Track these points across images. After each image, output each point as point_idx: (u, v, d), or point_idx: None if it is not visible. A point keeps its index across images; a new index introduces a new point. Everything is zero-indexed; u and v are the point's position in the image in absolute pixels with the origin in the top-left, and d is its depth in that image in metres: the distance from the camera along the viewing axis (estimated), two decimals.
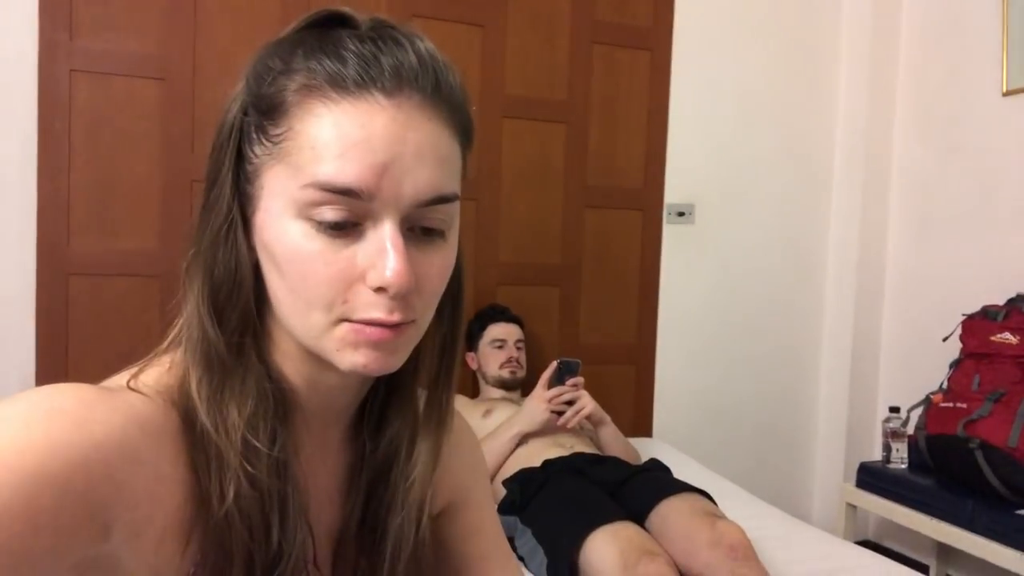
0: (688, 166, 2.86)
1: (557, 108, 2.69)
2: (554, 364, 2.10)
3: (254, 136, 0.53)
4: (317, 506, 0.61)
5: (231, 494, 0.52)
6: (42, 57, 2.12)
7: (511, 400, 2.27)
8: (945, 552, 2.63)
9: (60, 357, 2.16)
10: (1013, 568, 2.05)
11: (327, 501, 0.63)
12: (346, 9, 0.54)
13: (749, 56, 2.93)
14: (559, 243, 2.71)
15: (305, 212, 0.51)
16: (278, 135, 0.52)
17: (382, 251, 0.50)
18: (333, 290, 0.51)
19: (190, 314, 0.55)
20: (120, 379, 0.55)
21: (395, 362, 0.54)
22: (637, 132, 2.79)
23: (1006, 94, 2.57)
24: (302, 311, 0.53)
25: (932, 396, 2.41)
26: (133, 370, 0.56)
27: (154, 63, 2.23)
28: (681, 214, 2.86)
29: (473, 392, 2.44)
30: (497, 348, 2.32)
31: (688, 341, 2.89)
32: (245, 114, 0.54)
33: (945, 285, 2.77)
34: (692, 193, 2.88)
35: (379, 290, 0.51)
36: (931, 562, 2.67)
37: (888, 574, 1.71)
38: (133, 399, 0.51)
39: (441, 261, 0.55)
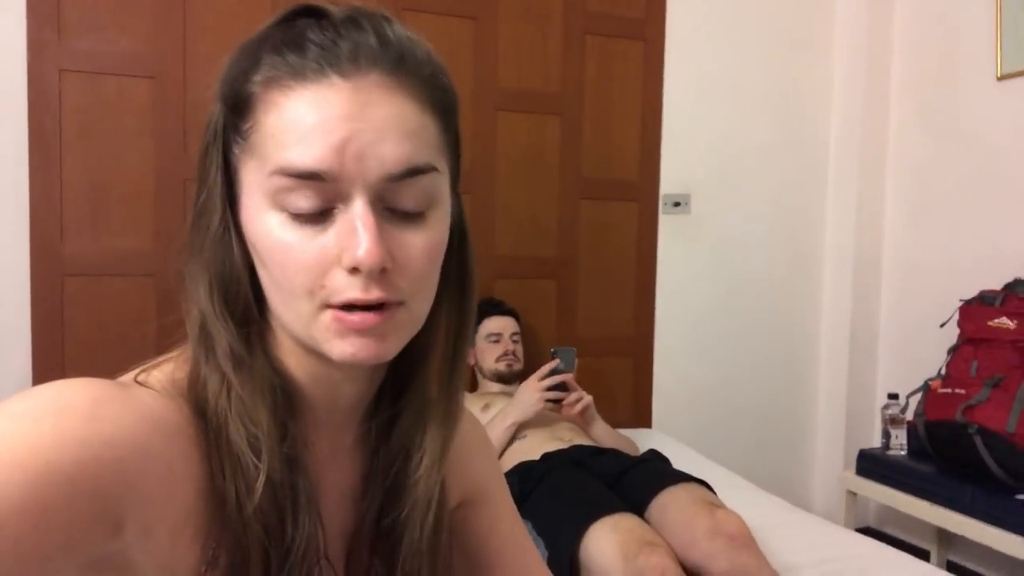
0: (684, 156, 2.85)
1: (551, 100, 2.68)
2: (555, 361, 2.09)
3: (231, 135, 0.54)
4: (330, 503, 0.60)
5: (246, 488, 0.52)
6: (31, 57, 2.11)
7: (509, 394, 2.26)
8: (946, 538, 2.63)
9: (56, 358, 2.16)
10: (1013, 553, 2.05)
11: (340, 499, 0.62)
12: (319, 3, 0.54)
13: (743, 45, 2.92)
14: (555, 236, 2.70)
15: (278, 202, 0.51)
16: (247, 130, 0.52)
17: (352, 231, 0.50)
18: (311, 276, 0.51)
19: (198, 313, 0.55)
20: (133, 375, 0.55)
21: (388, 348, 0.53)
22: (632, 123, 2.79)
23: (1000, 78, 2.56)
24: (287, 302, 0.53)
25: (930, 382, 2.41)
26: (145, 366, 0.56)
27: (144, 62, 2.22)
28: (677, 204, 2.86)
29: (471, 387, 2.44)
30: (493, 342, 2.32)
31: (686, 331, 2.89)
32: (223, 115, 0.54)
33: (942, 271, 2.77)
34: (688, 183, 2.87)
35: (354, 271, 0.50)
36: (932, 548, 2.67)
37: (888, 560, 1.70)
38: (145, 395, 0.51)
39: (424, 240, 0.54)
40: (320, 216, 0.51)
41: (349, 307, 0.51)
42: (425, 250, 0.54)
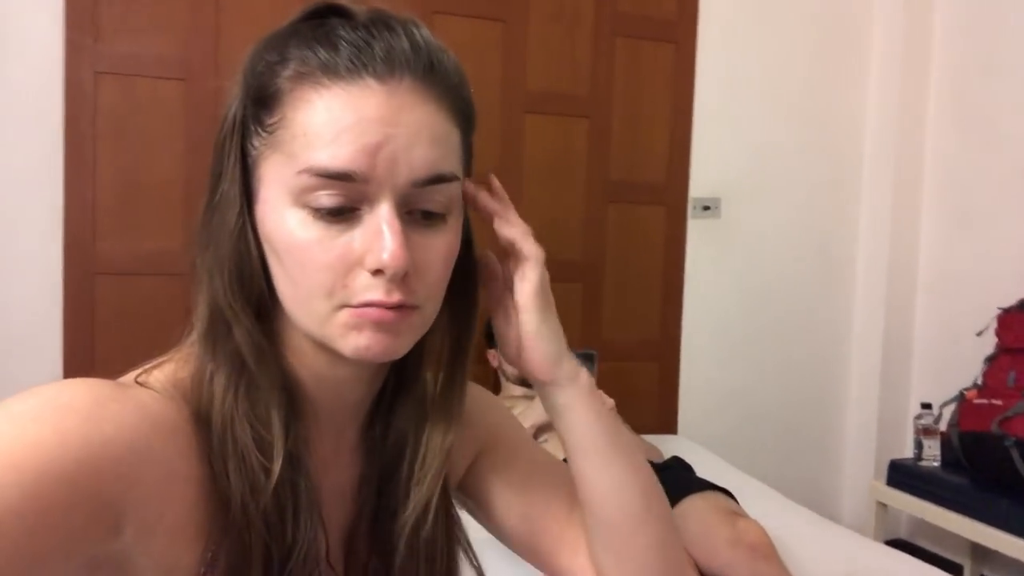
0: (714, 159, 2.81)
1: (579, 102, 2.66)
2: None
3: (252, 128, 0.54)
4: (331, 503, 0.60)
5: (251, 489, 0.52)
6: (68, 60, 2.16)
7: (532, 397, 2.25)
8: (980, 552, 2.56)
9: (87, 356, 2.20)
10: None
11: (340, 499, 0.62)
12: (343, 2, 0.54)
13: (776, 46, 2.88)
14: (581, 239, 2.68)
15: (302, 199, 0.51)
16: (272, 124, 0.52)
17: (378, 234, 0.50)
18: (332, 276, 0.51)
19: (210, 309, 0.55)
20: (134, 376, 0.55)
21: (399, 346, 0.54)
22: (661, 125, 2.76)
23: None
24: (304, 300, 0.53)
25: (965, 392, 2.35)
26: (146, 366, 0.56)
27: (176, 64, 2.25)
28: (707, 208, 2.82)
29: (494, 390, 2.44)
30: None
31: (714, 337, 2.85)
32: (244, 108, 0.54)
33: (980, 278, 2.69)
34: (718, 187, 2.83)
35: (377, 273, 0.50)
36: (966, 562, 2.60)
37: (916, 574, 1.66)
38: (145, 396, 0.51)
39: (443, 245, 0.55)
40: (344, 216, 0.51)
41: (367, 306, 0.51)
42: (443, 256, 0.55)
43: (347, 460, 0.64)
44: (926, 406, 2.52)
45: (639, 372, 2.74)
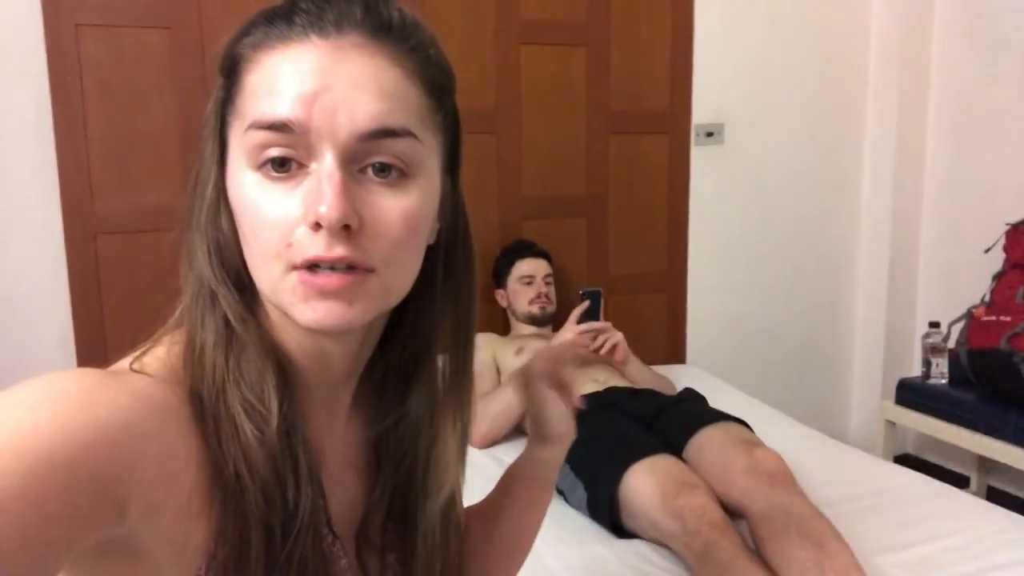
0: (716, 84, 2.75)
1: (576, 30, 2.58)
2: (586, 303, 2.08)
3: (227, 105, 0.56)
4: (331, 474, 0.61)
5: (244, 457, 0.52)
6: (46, 12, 2.08)
7: (542, 336, 2.26)
8: (987, 464, 2.62)
9: (96, 316, 2.20)
10: None
11: (341, 470, 0.63)
12: None
13: None
14: (584, 173, 2.65)
15: (254, 159, 0.52)
16: (234, 93, 0.54)
17: (318, 187, 0.50)
18: (278, 234, 0.51)
19: (196, 283, 0.57)
20: (124, 363, 0.55)
21: (353, 315, 0.53)
22: (661, 51, 2.68)
23: None
24: (259, 265, 0.53)
25: (974, 310, 2.35)
26: (136, 353, 0.56)
27: (160, 12, 2.17)
28: (710, 134, 2.77)
29: (504, 330, 2.44)
30: (526, 284, 2.30)
31: (721, 264, 2.85)
32: (221, 86, 0.56)
33: (987, 193, 2.67)
34: (721, 112, 2.78)
35: (317, 227, 0.50)
36: (972, 474, 2.66)
37: (927, 493, 1.70)
38: (139, 381, 0.52)
39: (400, 206, 0.53)
40: (293, 175, 0.51)
41: (314, 267, 0.51)
42: (400, 217, 0.53)
43: (343, 430, 0.65)
44: (934, 325, 2.53)
45: (647, 304, 2.75)
